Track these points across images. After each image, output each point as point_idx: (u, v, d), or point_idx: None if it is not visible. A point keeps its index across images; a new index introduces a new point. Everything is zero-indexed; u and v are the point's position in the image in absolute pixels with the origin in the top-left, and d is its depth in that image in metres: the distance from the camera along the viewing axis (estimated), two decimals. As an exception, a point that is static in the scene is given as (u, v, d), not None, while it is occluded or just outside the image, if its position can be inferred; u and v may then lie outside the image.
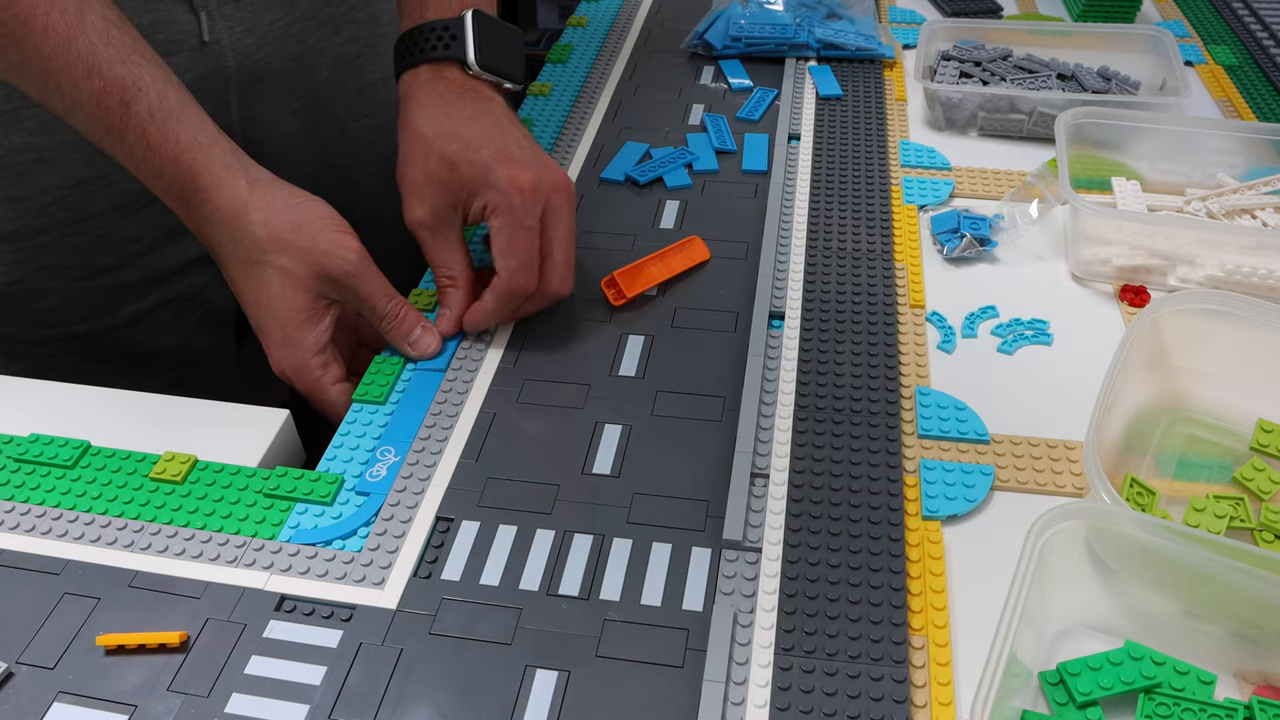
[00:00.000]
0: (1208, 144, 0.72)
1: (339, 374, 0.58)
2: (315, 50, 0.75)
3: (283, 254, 0.55)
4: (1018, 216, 0.69)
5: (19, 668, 0.44)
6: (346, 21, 0.77)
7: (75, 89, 0.53)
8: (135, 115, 0.54)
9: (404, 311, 0.59)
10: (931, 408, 0.56)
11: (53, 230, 0.70)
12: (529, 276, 0.58)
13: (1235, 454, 0.54)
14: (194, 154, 0.55)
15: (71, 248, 0.71)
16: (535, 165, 0.58)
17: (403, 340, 0.59)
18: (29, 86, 0.54)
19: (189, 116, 0.56)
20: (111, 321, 0.75)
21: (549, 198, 0.58)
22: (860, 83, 0.87)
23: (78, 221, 0.70)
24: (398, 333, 0.59)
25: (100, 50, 0.53)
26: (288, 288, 0.56)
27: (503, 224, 0.57)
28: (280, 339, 0.57)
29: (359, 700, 0.42)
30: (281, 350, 0.57)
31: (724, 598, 0.46)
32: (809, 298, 0.63)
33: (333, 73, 0.78)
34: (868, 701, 0.42)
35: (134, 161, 0.55)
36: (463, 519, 0.50)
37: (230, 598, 0.47)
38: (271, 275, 0.56)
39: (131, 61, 0.54)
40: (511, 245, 0.57)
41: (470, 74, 0.63)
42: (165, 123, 0.55)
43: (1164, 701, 0.41)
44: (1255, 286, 0.63)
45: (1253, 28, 0.96)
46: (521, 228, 0.57)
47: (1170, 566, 0.44)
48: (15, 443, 0.54)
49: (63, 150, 0.68)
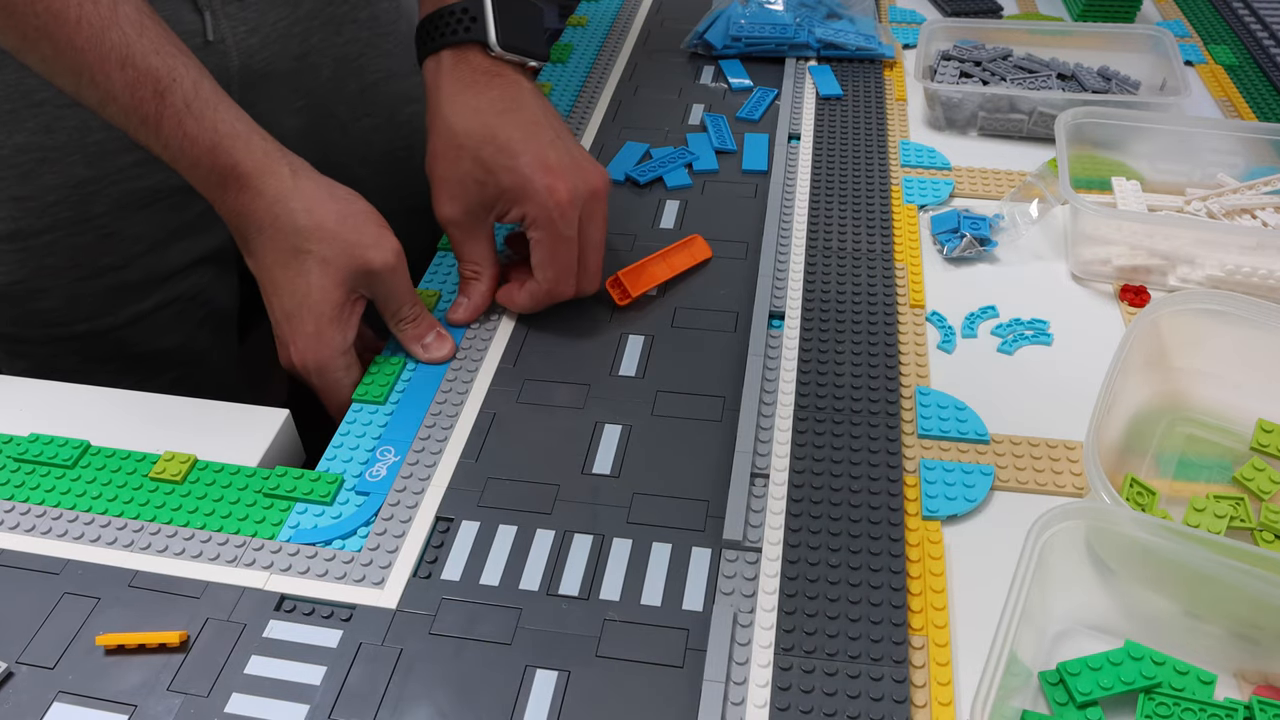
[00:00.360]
0: (1208, 144, 0.72)
1: (357, 377, 0.59)
2: (317, 50, 0.75)
3: (326, 244, 0.55)
4: (1018, 216, 0.69)
5: (19, 668, 0.44)
6: (348, 21, 0.77)
7: (109, 81, 0.53)
8: (170, 105, 0.54)
9: (423, 316, 0.60)
10: (931, 408, 0.56)
11: (56, 230, 0.70)
12: (568, 285, 0.61)
13: (1235, 454, 0.54)
14: (233, 142, 0.55)
15: (75, 247, 0.71)
16: (571, 173, 0.58)
17: (415, 343, 0.60)
18: (62, 80, 0.54)
19: (224, 106, 0.56)
20: (114, 321, 0.75)
21: (585, 205, 0.59)
22: (860, 83, 0.87)
23: (81, 221, 0.70)
24: (413, 334, 0.60)
25: (134, 41, 0.53)
26: (327, 278, 0.56)
27: (542, 238, 0.59)
28: (312, 331, 0.57)
29: (359, 700, 0.42)
30: (309, 342, 0.57)
31: (724, 598, 0.46)
32: (809, 298, 0.63)
33: (334, 72, 0.78)
34: (868, 701, 0.42)
35: (170, 152, 0.55)
36: (463, 519, 0.50)
37: (230, 597, 0.47)
38: (311, 264, 0.56)
39: (165, 53, 0.54)
40: (552, 258, 0.59)
41: (493, 56, 0.62)
42: (202, 112, 0.55)
43: (1164, 701, 0.41)
44: (1255, 286, 0.63)
45: (1253, 28, 0.96)
46: (561, 240, 0.58)
47: (1170, 566, 0.44)
48: (15, 443, 0.54)
49: (66, 150, 0.68)
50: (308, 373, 0.58)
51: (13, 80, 0.64)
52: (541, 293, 0.60)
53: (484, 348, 0.61)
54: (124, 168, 0.69)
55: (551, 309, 0.63)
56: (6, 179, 0.68)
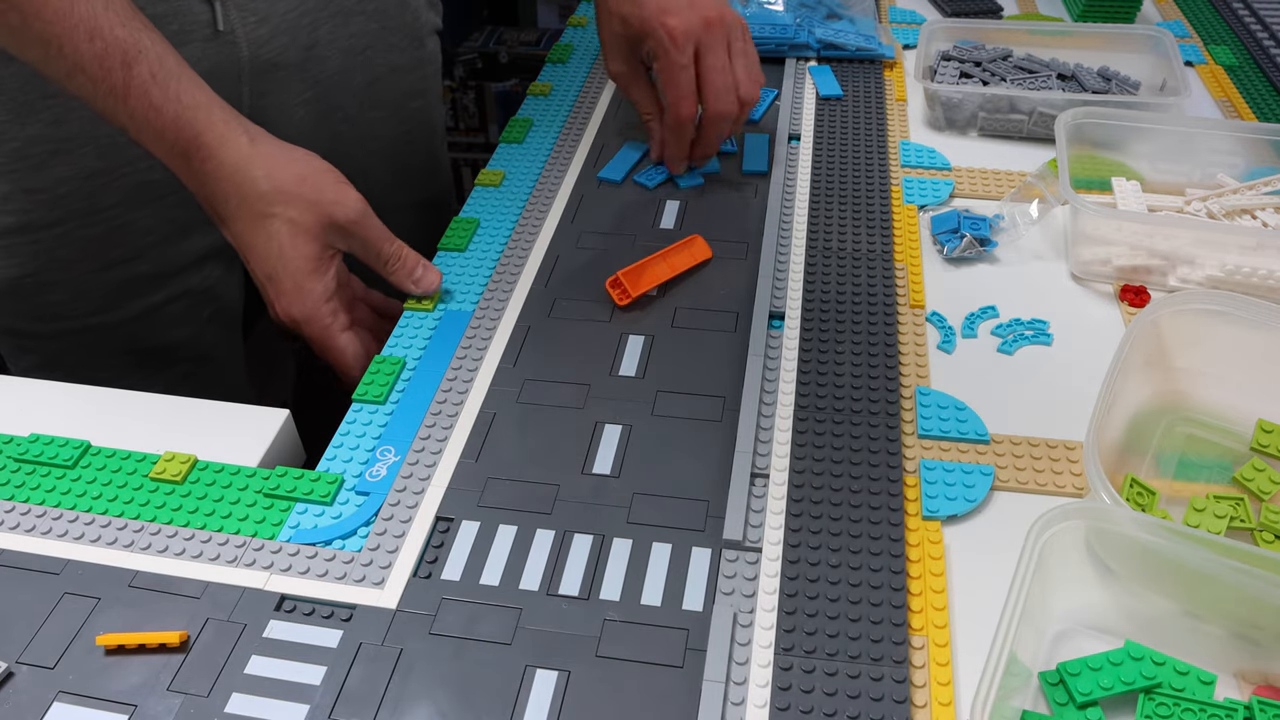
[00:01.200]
0: (1208, 144, 0.72)
1: (345, 321, 0.62)
2: (325, 41, 0.76)
3: (289, 205, 0.58)
4: (1018, 216, 0.69)
5: (19, 667, 0.44)
6: (355, 13, 0.78)
7: (77, 52, 0.54)
8: (137, 76, 0.55)
9: (405, 253, 0.63)
10: (931, 408, 0.56)
11: (68, 222, 0.71)
12: (689, 106, 0.69)
13: (1235, 454, 0.54)
14: (195, 113, 0.57)
15: (86, 239, 0.72)
16: (685, 11, 0.67)
17: (407, 279, 0.63)
18: (30, 51, 0.55)
19: (187, 78, 0.58)
20: (123, 314, 0.76)
21: (699, 37, 0.67)
22: (860, 83, 0.87)
23: (92, 213, 0.71)
24: (402, 273, 0.63)
25: (101, 14, 0.54)
26: (298, 237, 0.59)
27: (661, 66, 0.68)
28: (291, 287, 0.60)
29: (359, 700, 0.42)
30: (292, 298, 0.60)
31: (724, 598, 0.46)
32: (809, 298, 0.63)
33: (341, 64, 0.78)
34: (868, 701, 0.42)
35: (136, 123, 0.57)
36: (463, 519, 0.50)
37: (230, 598, 0.47)
38: (279, 227, 0.58)
39: (132, 25, 0.56)
40: (669, 82, 0.69)
41: None
42: (167, 83, 0.56)
43: (1164, 701, 0.41)
44: (1255, 286, 0.63)
45: (1253, 28, 0.96)
46: (675, 66, 0.67)
47: (1170, 566, 0.44)
48: (15, 443, 0.54)
49: (78, 141, 0.68)
50: (297, 325, 0.61)
51: (26, 72, 0.65)
52: (669, 117, 0.70)
53: (484, 348, 0.61)
54: (135, 160, 0.70)
55: (552, 309, 0.63)
56: (18, 171, 0.68)
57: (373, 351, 0.62)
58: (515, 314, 0.63)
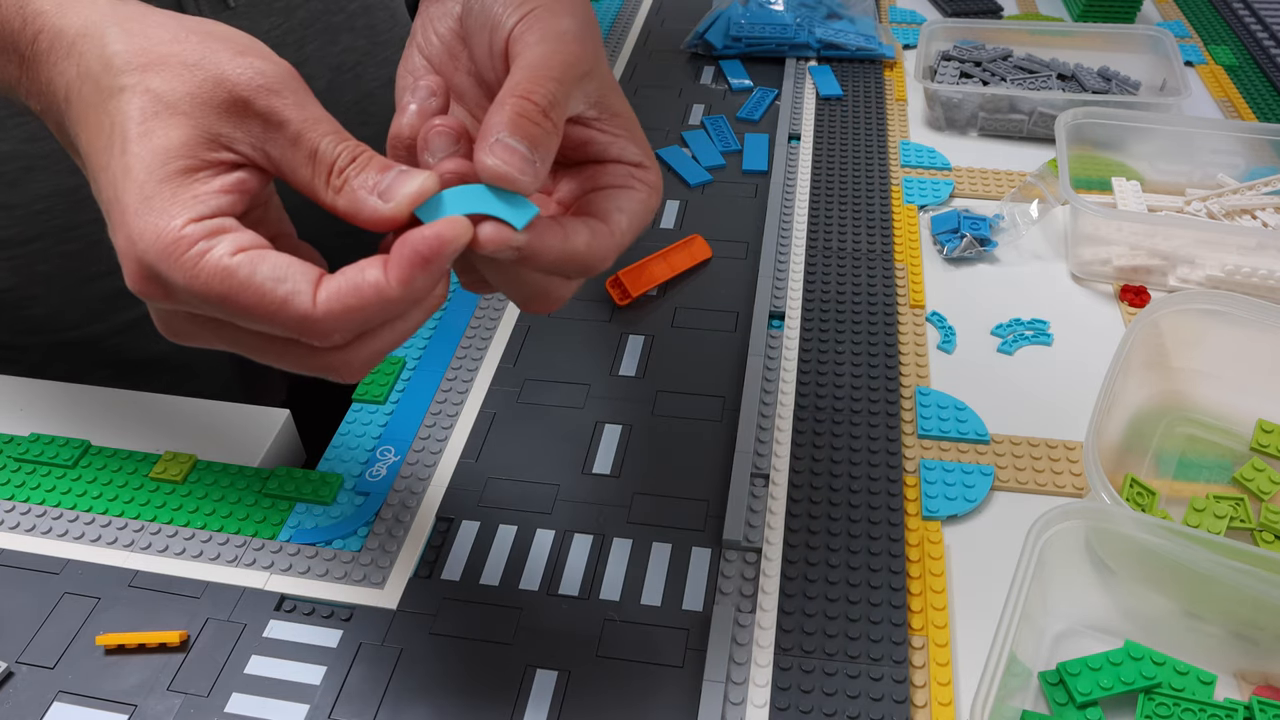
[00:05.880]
0: (1208, 144, 0.72)
1: (247, 240, 0.33)
2: (314, 59, 0.75)
3: (152, 72, 0.34)
4: (1018, 216, 0.69)
5: (19, 667, 0.44)
6: (345, 30, 0.77)
7: None
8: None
9: (358, 152, 0.36)
10: (931, 408, 0.56)
11: (45, 238, 0.70)
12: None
13: (1235, 454, 0.54)
14: (44, 3, 0.37)
15: (64, 255, 0.71)
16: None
17: (369, 194, 0.35)
18: None
19: None
20: (105, 329, 0.75)
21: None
22: (860, 83, 0.87)
23: (69, 229, 0.70)
24: (356, 184, 0.35)
25: None
26: (157, 118, 0.33)
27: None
28: (136, 200, 0.32)
29: (359, 700, 0.42)
30: (137, 219, 0.32)
31: (724, 598, 0.46)
32: (809, 298, 0.63)
33: (330, 82, 0.78)
34: (868, 701, 0.42)
35: None
36: (463, 519, 0.50)
37: (230, 597, 0.47)
38: (129, 103, 0.34)
39: None
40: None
41: None
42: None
43: (1164, 701, 0.41)
44: (1255, 286, 0.63)
45: (1253, 28, 0.96)
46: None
47: (1170, 566, 0.44)
48: (15, 443, 0.54)
49: (53, 158, 0.67)
50: (155, 273, 0.33)
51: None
52: None
53: (484, 348, 0.61)
54: None
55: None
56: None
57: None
58: (515, 313, 0.63)
